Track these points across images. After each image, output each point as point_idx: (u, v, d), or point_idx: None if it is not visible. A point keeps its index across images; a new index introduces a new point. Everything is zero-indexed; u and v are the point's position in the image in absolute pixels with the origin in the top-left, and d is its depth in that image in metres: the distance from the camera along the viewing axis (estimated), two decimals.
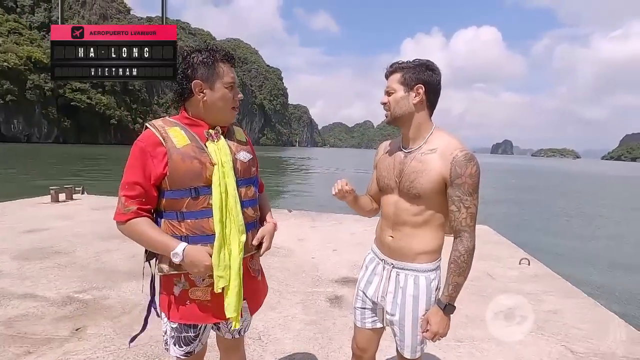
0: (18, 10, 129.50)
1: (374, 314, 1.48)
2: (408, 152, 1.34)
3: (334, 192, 1.39)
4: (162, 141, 1.19)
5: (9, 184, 17.83)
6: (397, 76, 1.31)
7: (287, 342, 2.54)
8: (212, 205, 1.20)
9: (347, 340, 2.55)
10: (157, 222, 1.25)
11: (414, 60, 1.31)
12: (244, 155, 1.33)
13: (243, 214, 1.27)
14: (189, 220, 1.21)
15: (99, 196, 8.44)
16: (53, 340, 2.42)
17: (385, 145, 1.51)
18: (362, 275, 1.52)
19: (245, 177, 1.32)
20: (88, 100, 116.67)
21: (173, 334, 1.32)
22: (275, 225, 1.44)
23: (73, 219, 5.86)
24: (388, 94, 1.33)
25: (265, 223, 1.44)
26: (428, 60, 1.30)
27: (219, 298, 1.25)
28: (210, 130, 1.26)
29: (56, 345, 2.36)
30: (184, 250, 1.16)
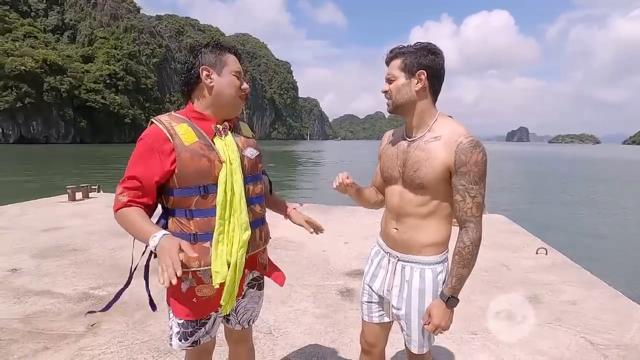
0: (32, 14, 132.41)
1: (380, 308, 1.45)
2: (411, 141, 1.29)
3: (334, 186, 1.37)
4: (170, 137, 1.17)
5: (28, 184, 18.38)
6: (397, 62, 1.25)
7: (298, 336, 2.53)
8: None
9: (358, 333, 2.51)
10: (165, 220, 1.26)
11: (415, 44, 1.24)
12: (251, 152, 1.33)
13: (251, 211, 1.28)
14: (197, 218, 1.21)
15: (114, 194, 8.59)
16: (69, 335, 2.47)
17: (389, 134, 1.46)
18: (367, 269, 1.49)
19: (252, 174, 1.33)
20: (103, 101, 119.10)
21: (179, 330, 1.32)
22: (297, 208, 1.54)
23: (89, 217, 5.99)
24: (389, 81, 1.27)
25: (290, 211, 1.53)
26: (430, 43, 1.23)
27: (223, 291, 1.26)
28: (219, 125, 1.25)
29: (72, 340, 2.41)
30: (162, 236, 1.06)
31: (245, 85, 1.29)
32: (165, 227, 1.26)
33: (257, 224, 1.33)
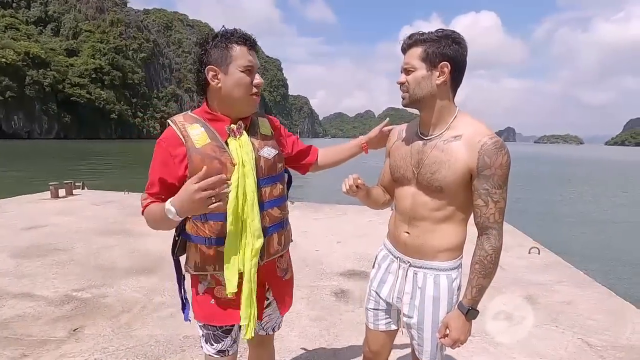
0: (14, 5, 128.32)
1: (387, 316, 1.36)
2: (428, 139, 1.18)
3: (344, 190, 1.24)
4: (183, 140, 1.14)
5: (8, 181, 17.80)
6: (417, 51, 1.11)
7: (293, 339, 2.44)
8: None
9: (355, 336, 2.46)
10: (184, 222, 1.22)
11: (436, 31, 1.10)
12: (268, 152, 1.24)
13: (267, 215, 1.23)
14: (211, 222, 1.17)
15: (99, 191, 8.35)
16: (49, 341, 2.33)
17: (399, 130, 1.34)
18: (374, 274, 1.39)
19: (270, 175, 1.25)
20: (88, 95, 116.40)
21: (203, 332, 1.28)
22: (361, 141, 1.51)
23: (73, 215, 5.76)
24: (406, 71, 1.14)
25: (363, 145, 1.51)
26: (454, 32, 1.10)
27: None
28: (232, 126, 1.18)
29: (53, 347, 2.27)
30: (171, 200, 1.04)
31: (257, 80, 1.18)
32: (183, 228, 1.24)
33: (276, 228, 1.27)
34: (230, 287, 1.15)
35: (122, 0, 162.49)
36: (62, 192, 7.41)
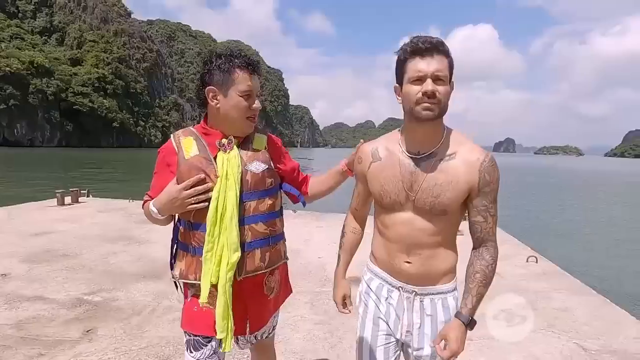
0: (20, 15, 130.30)
1: (397, 349, 1.26)
2: (419, 158, 1.09)
3: (340, 310, 1.35)
4: (177, 151, 1.23)
5: (14, 188, 17.91)
6: (445, 61, 1.01)
7: (297, 342, 2.53)
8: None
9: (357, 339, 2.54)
10: (177, 229, 1.31)
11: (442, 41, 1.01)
12: (256, 166, 1.25)
13: (249, 230, 1.23)
14: (196, 231, 1.22)
15: (104, 199, 8.47)
16: (64, 342, 2.43)
17: (371, 150, 1.19)
18: (374, 306, 1.24)
19: (257, 190, 1.25)
20: (90, 104, 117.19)
21: (185, 338, 1.30)
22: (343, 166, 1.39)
23: (79, 222, 5.88)
24: (439, 80, 0.99)
25: (343, 167, 1.40)
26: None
27: None
28: (223, 140, 1.22)
29: (67, 347, 2.37)
30: (154, 200, 1.24)
31: (256, 105, 1.24)
32: (177, 235, 1.31)
33: (260, 244, 1.25)
34: (202, 297, 1.17)
35: (127, 11, 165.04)
36: (67, 199, 7.53)
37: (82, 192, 8.27)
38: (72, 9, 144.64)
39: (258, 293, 1.31)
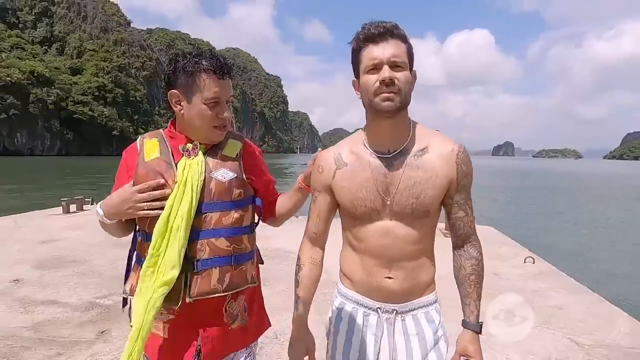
0: (20, 25, 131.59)
1: None
2: (390, 156, 0.98)
3: None
4: (138, 152, 1.11)
5: (18, 197, 18.02)
6: (402, 46, 0.92)
7: None
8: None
9: None
10: (136, 237, 1.15)
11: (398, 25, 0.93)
12: (223, 174, 1.08)
13: (206, 245, 1.04)
14: (150, 243, 1.03)
15: None
16: (80, 342, 2.54)
17: (334, 156, 1.05)
18: (347, 335, 1.10)
19: (222, 200, 1.07)
20: (90, 113, 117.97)
21: None
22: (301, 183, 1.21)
23: (85, 229, 5.99)
24: (396, 66, 0.90)
25: (301, 184, 1.22)
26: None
27: (176, 337, 1.08)
28: (188, 145, 1.09)
29: (84, 347, 2.48)
30: (101, 203, 1.10)
31: (225, 114, 1.08)
32: (135, 246, 1.16)
33: (218, 262, 1.05)
34: (133, 319, 1.00)
35: (126, 20, 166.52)
36: (73, 207, 7.65)
37: (86, 200, 8.41)
38: (72, 19, 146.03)
39: (216, 320, 1.10)
